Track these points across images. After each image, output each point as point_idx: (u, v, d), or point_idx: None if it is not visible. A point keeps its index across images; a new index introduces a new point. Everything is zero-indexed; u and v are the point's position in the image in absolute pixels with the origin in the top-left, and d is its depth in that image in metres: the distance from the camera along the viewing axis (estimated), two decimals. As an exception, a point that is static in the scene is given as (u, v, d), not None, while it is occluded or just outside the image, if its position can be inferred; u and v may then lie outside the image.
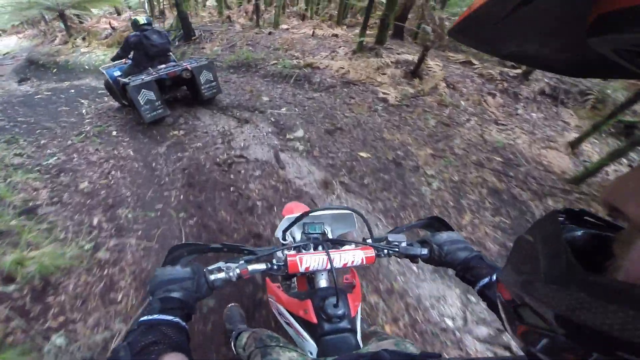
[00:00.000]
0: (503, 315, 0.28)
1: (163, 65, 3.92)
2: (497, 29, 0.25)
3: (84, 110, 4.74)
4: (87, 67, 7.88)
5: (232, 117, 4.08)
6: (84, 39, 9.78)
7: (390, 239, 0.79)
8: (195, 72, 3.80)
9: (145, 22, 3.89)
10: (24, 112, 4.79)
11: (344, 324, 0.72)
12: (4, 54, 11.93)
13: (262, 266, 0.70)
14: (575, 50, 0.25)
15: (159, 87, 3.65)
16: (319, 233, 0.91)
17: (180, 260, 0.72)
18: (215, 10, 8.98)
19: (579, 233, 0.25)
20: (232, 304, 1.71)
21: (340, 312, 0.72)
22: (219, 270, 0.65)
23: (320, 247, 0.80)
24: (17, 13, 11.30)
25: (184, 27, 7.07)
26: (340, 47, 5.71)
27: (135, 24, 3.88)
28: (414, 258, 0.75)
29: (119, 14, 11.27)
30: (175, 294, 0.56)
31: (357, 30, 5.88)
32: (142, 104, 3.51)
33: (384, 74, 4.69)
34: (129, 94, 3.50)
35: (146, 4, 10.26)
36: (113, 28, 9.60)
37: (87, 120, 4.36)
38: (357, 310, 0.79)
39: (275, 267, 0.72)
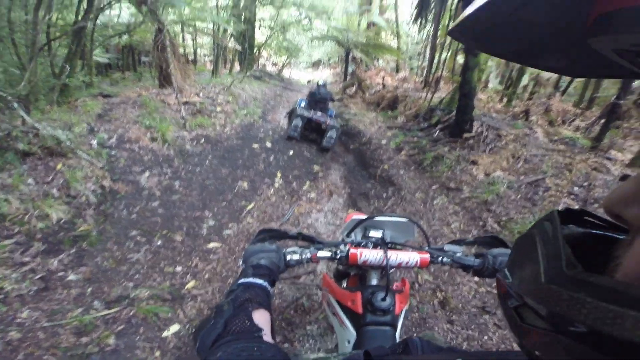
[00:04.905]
0: (504, 315, 0.27)
1: (320, 113, 5.59)
2: (497, 29, 0.24)
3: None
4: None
5: None
6: (358, 86, 10.52)
7: (446, 248, 0.89)
8: (328, 127, 5.35)
9: (321, 84, 6.14)
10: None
11: (387, 318, 0.81)
12: (308, 81, 15.60)
13: (327, 254, 0.84)
14: (576, 50, 0.24)
15: (306, 122, 5.50)
16: (379, 238, 1.01)
17: (264, 241, 0.87)
18: (497, 95, 6.54)
19: (579, 233, 0.25)
20: None
21: (385, 306, 0.80)
22: (295, 252, 0.81)
23: (378, 248, 0.92)
24: (328, 49, 13.96)
25: (459, 110, 4.19)
26: None
27: (317, 83, 6.21)
28: (466, 268, 0.84)
29: (397, 71, 11.33)
30: (263, 262, 0.74)
31: None
32: (292, 124, 5.52)
33: None
34: (292, 113, 5.75)
35: (422, 69, 9.53)
36: (384, 85, 9.52)
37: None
38: (402, 310, 0.86)
39: (338, 256, 0.84)
